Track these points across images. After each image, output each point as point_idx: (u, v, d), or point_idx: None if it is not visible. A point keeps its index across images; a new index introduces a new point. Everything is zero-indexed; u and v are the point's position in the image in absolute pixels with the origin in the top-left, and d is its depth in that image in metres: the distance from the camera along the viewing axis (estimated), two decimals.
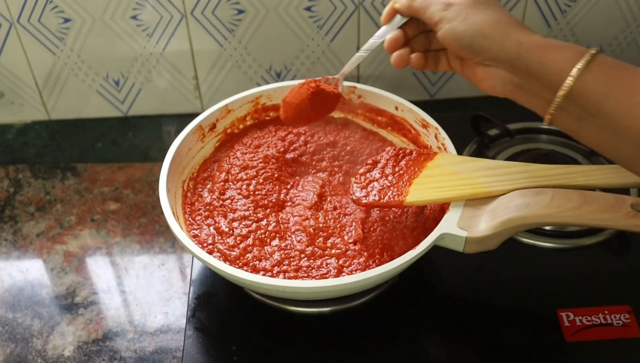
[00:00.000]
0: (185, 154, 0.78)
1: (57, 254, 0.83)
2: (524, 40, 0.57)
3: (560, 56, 0.55)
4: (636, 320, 0.70)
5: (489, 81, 0.61)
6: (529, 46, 0.56)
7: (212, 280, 0.77)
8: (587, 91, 0.53)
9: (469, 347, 0.70)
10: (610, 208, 0.63)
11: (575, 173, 0.68)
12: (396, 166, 0.73)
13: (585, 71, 0.53)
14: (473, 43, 0.59)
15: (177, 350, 0.73)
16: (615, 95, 0.52)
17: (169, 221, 0.68)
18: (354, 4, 0.93)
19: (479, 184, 0.68)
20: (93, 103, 1.02)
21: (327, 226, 0.73)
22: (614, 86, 0.52)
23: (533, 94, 0.58)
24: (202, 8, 0.93)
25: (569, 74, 0.54)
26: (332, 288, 0.63)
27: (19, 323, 0.76)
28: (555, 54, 0.55)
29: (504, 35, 0.57)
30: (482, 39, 0.58)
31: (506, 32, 0.57)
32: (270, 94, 0.85)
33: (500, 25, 0.58)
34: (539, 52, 0.56)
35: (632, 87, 0.52)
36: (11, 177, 0.94)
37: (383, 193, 0.70)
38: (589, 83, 0.53)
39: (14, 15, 0.92)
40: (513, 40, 0.57)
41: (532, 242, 0.79)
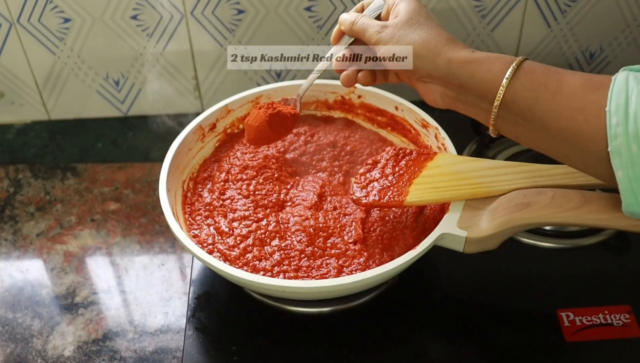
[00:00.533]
0: (185, 154, 0.78)
1: (57, 254, 0.83)
2: (454, 56, 0.60)
3: (488, 68, 0.58)
4: (636, 320, 0.70)
5: (428, 95, 0.64)
6: (459, 62, 0.59)
7: (212, 280, 0.77)
8: (518, 98, 0.57)
9: (469, 347, 0.70)
10: (610, 208, 0.63)
11: (575, 173, 0.68)
12: (396, 166, 0.73)
13: (513, 79, 0.57)
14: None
15: (177, 350, 0.73)
16: (543, 99, 0.55)
17: (169, 221, 0.68)
18: (354, 4, 0.93)
19: (479, 184, 0.68)
20: (93, 103, 1.02)
21: (327, 226, 0.73)
22: (542, 90, 0.56)
23: (470, 104, 0.61)
24: (202, 8, 0.93)
25: (499, 84, 0.57)
26: (332, 288, 0.63)
27: (19, 323, 0.76)
28: (483, 67, 0.58)
29: (435, 53, 0.61)
30: (415, 59, 0.62)
31: (437, 50, 0.61)
32: (270, 94, 0.85)
33: (430, 44, 0.61)
34: (469, 67, 0.59)
35: (559, 90, 0.55)
36: (11, 177, 0.94)
37: (383, 193, 0.70)
38: (518, 91, 0.57)
39: (14, 15, 0.92)
40: (444, 58, 0.60)
41: (532, 242, 0.79)
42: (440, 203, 0.70)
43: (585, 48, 1.00)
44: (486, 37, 0.98)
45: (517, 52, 1.00)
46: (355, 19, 0.67)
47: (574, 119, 0.54)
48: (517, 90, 0.56)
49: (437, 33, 0.62)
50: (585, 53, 1.01)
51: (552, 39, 0.99)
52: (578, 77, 0.55)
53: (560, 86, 0.55)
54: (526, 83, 0.56)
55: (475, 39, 0.98)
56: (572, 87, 0.54)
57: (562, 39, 0.99)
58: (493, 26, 0.97)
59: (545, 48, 1.00)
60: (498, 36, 0.98)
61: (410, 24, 0.63)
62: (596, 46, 1.00)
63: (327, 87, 0.85)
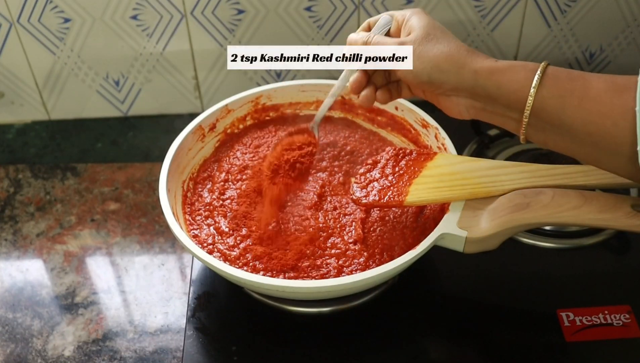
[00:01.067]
0: (185, 154, 0.78)
1: (57, 254, 0.83)
2: (479, 67, 0.60)
3: (514, 77, 0.58)
4: (636, 320, 0.70)
5: (453, 108, 0.64)
6: (485, 73, 0.59)
7: (212, 280, 0.77)
8: (546, 106, 0.57)
9: (469, 347, 0.70)
10: (610, 208, 0.63)
11: (575, 173, 0.68)
12: (396, 166, 0.73)
13: (539, 87, 0.57)
14: (432, 79, 0.62)
15: (177, 350, 0.73)
16: (570, 106, 0.56)
17: (169, 221, 0.68)
18: (354, 4, 0.93)
19: (479, 184, 0.68)
20: (93, 103, 1.02)
21: (327, 226, 0.73)
22: (568, 97, 0.56)
23: (497, 114, 0.61)
24: (202, 8, 0.93)
25: (526, 93, 0.57)
26: (332, 288, 0.63)
27: (19, 323, 0.76)
28: (509, 76, 0.58)
29: (460, 66, 0.60)
30: (440, 74, 0.61)
31: (460, 62, 0.60)
32: (270, 94, 0.85)
33: (454, 57, 0.61)
34: (494, 77, 0.59)
35: (585, 95, 0.55)
36: (11, 177, 0.94)
37: (383, 193, 0.70)
38: (545, 99, 0.57)
39: (14, 15, 0.92)
40: (469, 70, 0.60)
41: (532, 242, 0.79)
42: (440, 203, 0.70)
43: (585, 48, 1.00)
44: (486, 37, 0.98)
45: (517, 52, 1.00)
46: (369, 38, 0.66)
47: (602, 124, 0.54)
48: (545, 98, 0.57)
49: (457, 45, 0.61)
50: (585, 53, 1.01)
51: (552, 39, 0.99)
52: (602, 81, 0.55)
53: (586, 91, 0.55)
54: (553, 90, 0.56)
55: (475, 39, 0.98)
56: (598, 91, 0.55)
57: (562, 39, 0.99)
58: (493, 26, 0.97)
59: (545, 48, 1.00)
60: (498, 36, 0.98)
61: (429, 39, 0.62)
62: (596, 46, 1.00)
63: (327, 87, 0.85)
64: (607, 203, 0.64)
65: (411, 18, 0.65)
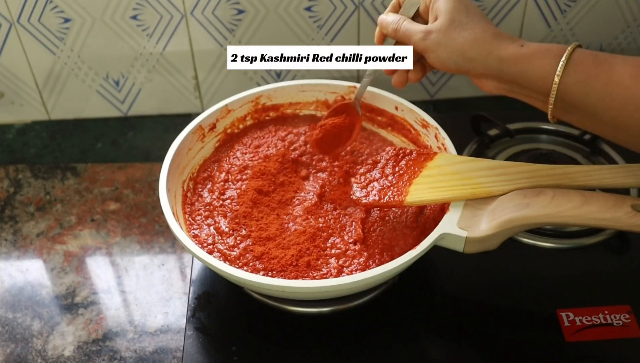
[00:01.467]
0: (185, 154, 0.78)
1: (57, 254, 0.83)
2: (504, 54, 0.60)
3: (540, 63, 0.59)
4: (636, 320, 0.70)
5: (483, 87, 0.65)
6: (510, 60, 0.60)
7: (212, 280, 0.77)
8: (570, 91, 0.58)
9: (469, 347, 0.70)
10: (610, 208, 0.63)
11: (575, 173, 0.68)
12: (396, 166, 0.73)
13: (564, 74, 0.58)
14: (459, 66, 0.63)
15: (177, 350, 0.73)
16: (594, 91, 0.57)
17: (169, 221, 0.68)
18: (354, 4, 0.93)
19: (479, 184, 0.68)
20: (93, 103, 1.02)
21: (327, 226, 0.73)
22: (593, 82, 0.57)
23: (525, 95, 0.63)
24: (202, 8, 0.93)
25: (551, 80, 0.58)
26: (332, 288, 0.63)
27: (19, 323, 0.76)
28: (534, 62, 0.59)
29: (486, 53, 0.61)
30: (466, 62, 0.62)
31: (486, 50, 0.61)
32: (270, 94, 0.85)
33: (479, 44, 0.61)
34: (520, 65, 0.60)
35: (609, 80, 0.56)
36: (11, 177, 0.94)
37: (383, 193, 0.70)
38: (570, 85, 0.58)
39: (14, 15, 0.92)
40: (494, 57, 0.61)
41: (532, 242, 0.79)
42: (440, 203, 0.70)
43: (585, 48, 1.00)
44: None
45: None
46: (398, 25, 0.67)
47: (625, 109, 0.55)
48: (569, 84, 0.57)
49: (483, 30, 0.62)
50: None
51: (552, 39, 0.99)
52: (628, 66, 0.56)
53: (610, 76, 0.56)
54: (577, 76, 0.57)
55: None
56: (622, 76, 0.55)
57: (562, 39, 0.99)
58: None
59: None
60: None
61: (454, 25, 0.62)
62: (596, 46, 1.00)
63: (327, 87, 0.85)
64: (607, 203, 0.64)
65: (438, 1, 0.65)
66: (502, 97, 0.65)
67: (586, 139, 0.89)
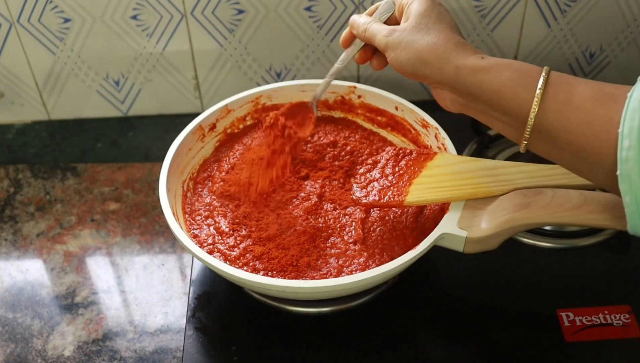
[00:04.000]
0: (185, 154, 0.78)
1: (57, 254, 0.83)
2: (461, 64, 0.58)
3: (497, 76, 0.56)
4: (636, 320, 0.70)
5: (440, 99, 0.63)
6: (467, 70, 0.58)
7: (212, 280, 0.77)
8: (524, 109, 0.55)
9: (469, 347, 0.70)
10: (610, 208, 0.63)
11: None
12: (396, 166, 0.73)
13: (521, 90, 0.55)
14: (415, 70, 0.61)
15: (177, 350, 0.73)
16: (551, 111, 0.53)
17: (169, 221, 0.68)
18: (354, 4, 0.93)
19: (479, 184, 0.68)
20: (93, 103, 1.02)
21: (327, 226, 0.73)
22: (550, 102, 0.54)
23: (480, 111, 0.60)
24: (202, 8, 0.93)
25: (507, 95, 0.55)
26: (332, 288, 0.63)
27: (19, 323, 0.76)
28: (491, 75, 0.56)
29: (443, 60, 0.59)
30: (422, 66, 0.60)
31: (445, 57, 0.59)
32: (270, 94, 0.85)
33: (438, 50, 0.59)
34: (477, 75, 0.57)
35: (567, 101, 0.53)
36: (11, 177, 0.94)
37: (383, 193, 0.70)
38: (525, 102, 0.54)
39: (14, 15, 0.92)
40: (451, 65, 0.58)
41: (532, 242, 0.79)
42: (440, 203, 0.70)
43: (585, 48, 1.00)
44: (486, 37, 0.98)
45: (517, 52, 1.00)
46: (367, 25, 0.66)
47: (583, 133, 0.52)
48: (525, 101, 0.55)
49: (446, 38, 0.60)
50: (585, 53, 1.01)
51: (552, 39, 0.99)
52: (589, 88, 0.53)
53: (570, 97, 0.53)
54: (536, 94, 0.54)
55: (475, 39, 0.98)
56: (582, 99, 0.52)
57: (562, 39, 0.99)
58: (493, 26, 0.97)
59: (545, 48, 1.00)
60: (498, 36, 0.98)
61: (419, 28, 0.61)
62: (596, 46, 1.00)
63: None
64: (607, 203, 0.64)
65: (412, 3, 0.63)
66: None
67: None
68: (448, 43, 0.59)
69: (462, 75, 0.58)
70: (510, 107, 0.56)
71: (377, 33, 0.64)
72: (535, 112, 0.54)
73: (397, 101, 0.82)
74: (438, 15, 0.62)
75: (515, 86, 0.55)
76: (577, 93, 0.53)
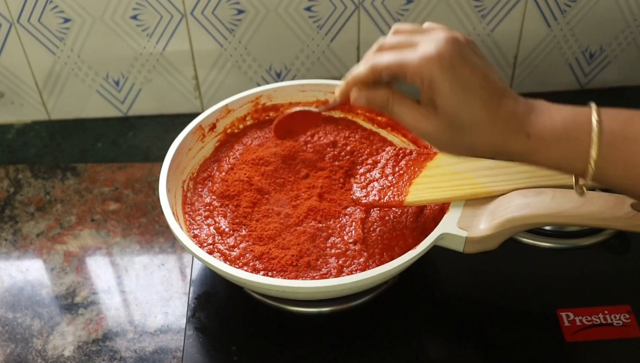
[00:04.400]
0: (185, 154, 0.78)
1: (57, 254, 0.83)
2: (512, 150, 0.54)
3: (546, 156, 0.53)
4: (636, 320, 0.70)
5: None
6: (517, 155, 0.54)
7: (212, 280, 0.77)
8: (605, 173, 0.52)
9: (469, 347, 0.70)
10: (610, 208, 0.63)
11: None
12: (396, 166, 0.73)
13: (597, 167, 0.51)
14: (468, 157, 0.58)
15: (177, 350, 0.73)
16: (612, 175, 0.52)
17: (169, 221, 0.68)
18: (354, 4, 0.93)
19: (479, 184, 0.68)
20: (93, 103, 1.02)
21: (327, 226, 0.73)
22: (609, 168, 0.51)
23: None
24: (202, 8, 0.93)
25: (560, 168, 0.54)
26: (332, 288, 0.63)
27: (19, 323, 0.76)
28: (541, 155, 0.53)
29: (493, 153, 0.55)
30: (476, 155, 0.56)
31: (494, 150, 0.55)
32: (270, 94, 0.85)
33: (484, 147, 0.54)
34: (527, 158, 0.54)
35: (627, 164, 0.51)
36: (11, 177, 0.94)
37: (383, 193, 0.70)
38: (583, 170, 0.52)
39: (14, 15, 0.92)
40: (503, 154, 0.55)
41: (532, 242, 0.79)
42: (440, 203, 0.70)
43: (585, 48, 1.00)
44: (486, 37, 0.98)
45: (517, 52, 1.00)
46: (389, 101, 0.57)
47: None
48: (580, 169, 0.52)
49: (485, 135, 0.53)
50: (585, 53, 1.01)
51: (552, 39, 0.99)
52: None
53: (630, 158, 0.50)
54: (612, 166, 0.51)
55: (475, 39, 0.98)
56: None
57: (562, 39, 0.99)
58: (493, 26, 0.97)
59: (545, 48, 1.00)
60: (498, 36, 0.98)
61: (455, 126, 0.54)
62: (596, 46, 1.00)
63: (327, 87, 0.85)
64: (607, 203, 0.64)
65: (434, 83, 0.53)
66: None
67: None
68: (491, 137, 0.54)
69: (514, 157, 0.55)
70: (567, 172, 0.55)
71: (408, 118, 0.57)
72: (592, 175, 0.52)
73: None
74: (466, 93, 0.53)
75: (568, 160, 0.52)
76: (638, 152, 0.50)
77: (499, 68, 1.01)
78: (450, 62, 0.52)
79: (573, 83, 1.04)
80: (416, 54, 0.54)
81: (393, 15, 0.95)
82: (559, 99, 0.56)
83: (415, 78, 0.54)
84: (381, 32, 0.96)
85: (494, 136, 0.54)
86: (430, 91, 0.54)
